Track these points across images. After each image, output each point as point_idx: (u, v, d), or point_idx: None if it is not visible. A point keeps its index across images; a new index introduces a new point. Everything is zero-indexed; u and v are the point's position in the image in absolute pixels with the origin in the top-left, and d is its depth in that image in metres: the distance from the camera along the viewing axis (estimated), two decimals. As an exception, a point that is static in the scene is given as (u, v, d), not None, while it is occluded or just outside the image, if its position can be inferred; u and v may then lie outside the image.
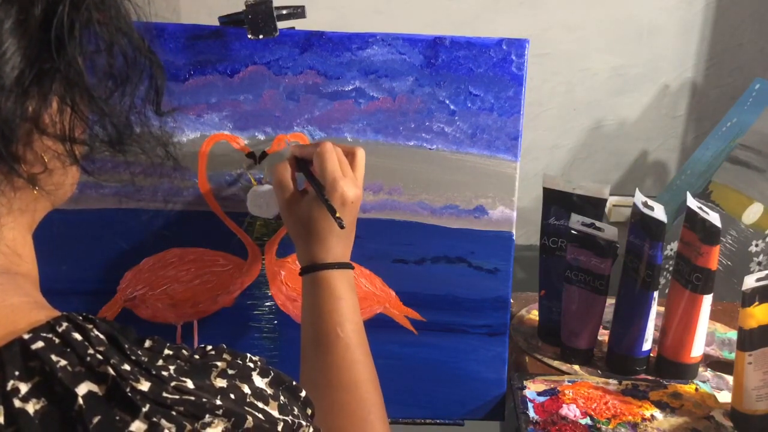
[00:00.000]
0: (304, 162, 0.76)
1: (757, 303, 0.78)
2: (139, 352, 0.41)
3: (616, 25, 1.37)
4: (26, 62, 0.41)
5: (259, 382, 0.45)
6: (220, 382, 0.43)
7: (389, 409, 0.88)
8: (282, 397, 0.46)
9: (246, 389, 0.44)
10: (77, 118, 0.44)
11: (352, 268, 0.74)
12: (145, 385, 0.39)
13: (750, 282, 0.78)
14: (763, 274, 0.78)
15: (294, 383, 0.48)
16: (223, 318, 0.86)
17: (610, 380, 0.89)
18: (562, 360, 0.95)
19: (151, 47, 0.48)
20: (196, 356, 0.44)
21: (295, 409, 0.46)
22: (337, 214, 0.70)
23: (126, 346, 0.41)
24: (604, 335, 0.97)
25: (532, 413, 0.83)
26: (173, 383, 0.40)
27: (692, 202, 0.88)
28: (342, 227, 0.70)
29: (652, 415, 0.83)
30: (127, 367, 0.40)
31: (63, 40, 0.41)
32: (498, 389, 0.89)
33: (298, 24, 0.80)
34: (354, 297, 0.72)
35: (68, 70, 0.42)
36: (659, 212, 0.87)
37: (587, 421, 0.82)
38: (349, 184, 0.72)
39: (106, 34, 0.45)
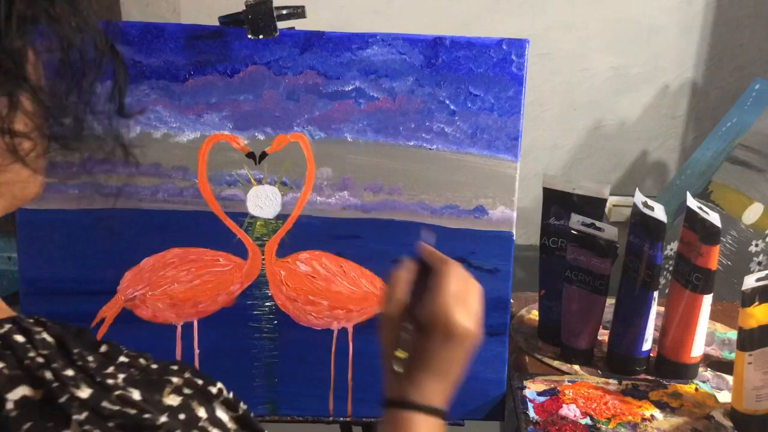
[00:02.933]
0: (424, 269, 0.63)
1: (757, 303, 0.78)
2: (90, 358, 0.40)
3: (616, 25, 1.37)
4: None
5: (222, 413, 0.42)
6: (172, 400, 0.40)
7: (389, 409, 0.88)
8: None
9: (201, 413, 0.41)
10: (20, 111, 0.42)
11: (445, 419, 0.60)
12: (85, 392, 0.38)
13: (750, 282, 0.78)
14: (763, 274, 0.78)
15: None
16: (223, 318, 0.86)
17: (610, 380, 0.89)
18: (562, 360, 0.95)
19: (115, 45, 0.45)
20: (154, 366, 0.42)
21: None
22: (403, 356, 0.58)
23: (76, 350, 0.39)
24: (604, 335, 0.96)
25: (532, 413, 0.83)
26: (118, 392, 0.38)
27: (692, 202, 0.88)
28: (397, 369, 0.58)
29: (652, 415, 0.83)
30: (69, 372, 0.38)
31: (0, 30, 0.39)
32: (498, 389, 0.89)
33: (298, 24, 0.80)
34: None
35: (6, 62, 0.40)
36: (659, 212, 0.87)
37: (587, 421, 0.82)
38: (464, 314, 0.59)
39: (61, 30, 0.42)
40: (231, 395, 0.44)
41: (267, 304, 0.86)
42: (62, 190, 0.81)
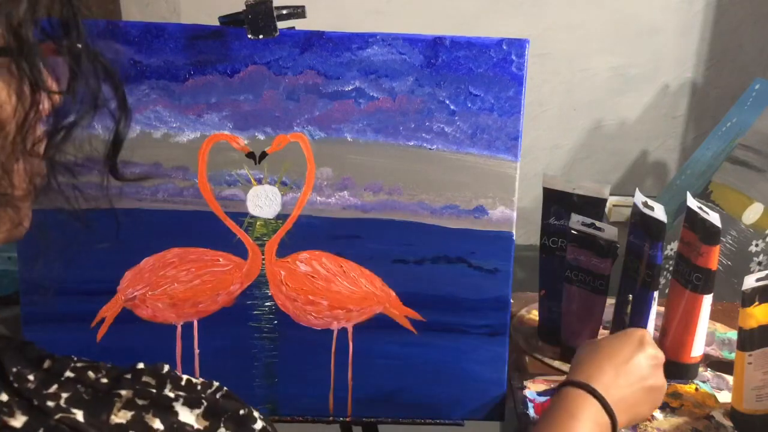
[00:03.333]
0: None
1: (757, 303, 0.78)
2: (30, 377, 0.36)
3: (616, 25, 1.37)
4: None
5: (186, 415, 0.39)
6: (121, 417, 0.37)
7: (389, 410, 0.88)
8: (226, 431, 0.39)
9: (157, 425, 0.37)
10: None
11: (613, 422, 0.65)
12: (19, 420, 0.34)
13: (750, 282, 0.78)
14: (763, 274, 0.78)
15: (243, 411, 0.41)
16: (223, 318, 0.86)
17: (610, 380, 0.89)
18: (562, 360, 0.95)
19: (123, 89, 0.41)
20: (104, 381, 0.38)
21: None
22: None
23: (15, 370, 0.36)
24: (604, 335, 0.96)
25: (532, 413, 0.83)
26: (58, 416, 0.35)
27: (692, 202, 0.88)
28: None
29: (652, 415, 0.83)
30: (3, 397, 0.35)
31: None
32: (498, 389, 0.89)
33: (298, 24, 0.80)
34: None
35: None
36: (659, 212, 0.87)
37: (587, 421, 0.82)
38: (653, 345, 0.72)
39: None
40: (200, 381, 0.41)
41: (267, 304, 0.86)
42: (62, 190, 0.81)
